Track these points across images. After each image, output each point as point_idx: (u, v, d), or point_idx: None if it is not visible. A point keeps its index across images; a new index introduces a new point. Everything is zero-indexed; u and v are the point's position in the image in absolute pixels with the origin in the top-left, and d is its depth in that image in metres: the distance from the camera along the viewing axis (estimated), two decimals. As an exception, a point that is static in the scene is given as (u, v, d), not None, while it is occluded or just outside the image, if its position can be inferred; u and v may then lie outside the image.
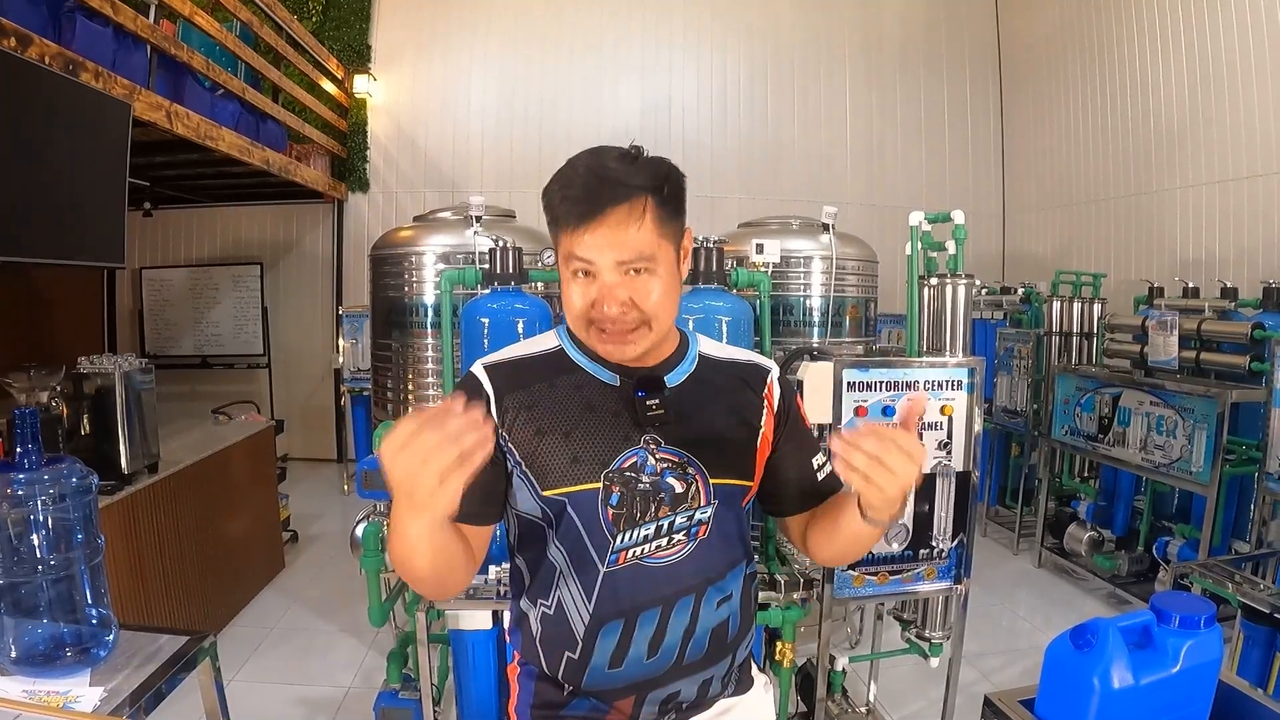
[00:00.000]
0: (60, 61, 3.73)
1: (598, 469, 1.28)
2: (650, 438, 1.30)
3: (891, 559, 2.42)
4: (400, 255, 3.49)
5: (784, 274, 3.56)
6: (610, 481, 1.28)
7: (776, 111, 8.56)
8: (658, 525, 1.30)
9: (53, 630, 1.60)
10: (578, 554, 1.31)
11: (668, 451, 1.31)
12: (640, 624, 1.31)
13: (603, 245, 1.23)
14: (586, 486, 1.28)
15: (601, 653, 1.31)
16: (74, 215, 3.94)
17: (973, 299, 2.68)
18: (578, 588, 1.31)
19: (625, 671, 1.32)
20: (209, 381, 7.98)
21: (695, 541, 1.32)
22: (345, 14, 8.00)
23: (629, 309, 1.25)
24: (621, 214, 1.22)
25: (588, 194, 1.23)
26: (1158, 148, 6.69)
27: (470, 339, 2.62)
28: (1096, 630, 1.22)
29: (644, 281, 1.25)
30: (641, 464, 1.30)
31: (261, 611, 4.46)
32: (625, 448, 1.30)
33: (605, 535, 1.29)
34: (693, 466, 1.32)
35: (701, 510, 1.32)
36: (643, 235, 1.23)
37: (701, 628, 1.34)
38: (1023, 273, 7.84)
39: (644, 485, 1.29)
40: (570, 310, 1.29)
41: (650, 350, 1.33)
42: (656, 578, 1.31)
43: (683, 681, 1.35)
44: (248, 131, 5.91)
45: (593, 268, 1.24)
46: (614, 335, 1.27)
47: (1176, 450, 4.09)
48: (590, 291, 1.26)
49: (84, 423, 3.39)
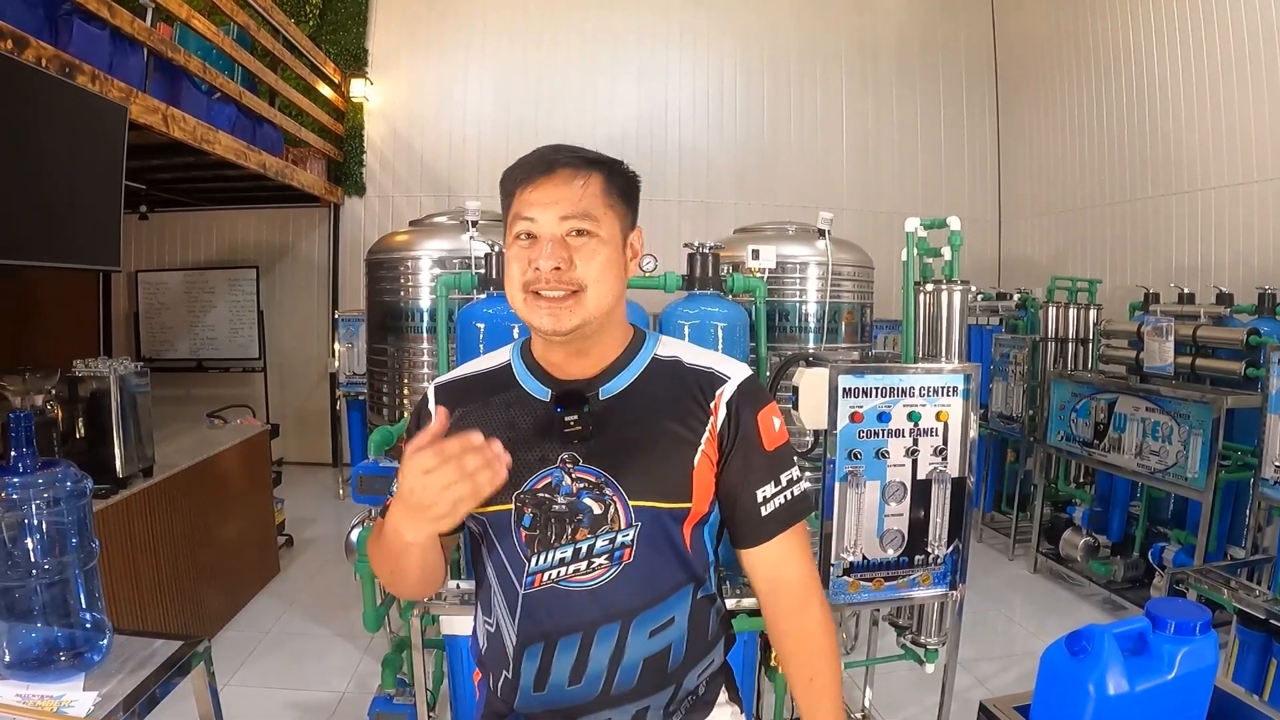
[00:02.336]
0: (57, 64, 3.72)
1: (508, 490, 1.22)
2: (569, 456, 1.27)
3: (887, 565, 2.42)
4: (396, 260, 3.49)
5: (780, 280, 3.57)
6: (522, 503, 1.27)
7: (773, 117, 8.58)
8: (575, 548, 1.26)
9: (46, 634, 1.59)
10: (502, 573, 1.31)
11: (585, 470, 1.26)
12: (560, 649, 1.27)
13: (546, 201, 1.24)
14: (499, 508, 1.27)
15: (527, 675, 1.29)
16: (69, 218, 3.93)
17: (968, 305, 2.69)
18: (505, 607, 1.30)
19: (549, 696, 1.29)
20: (205, 385, 7.97)
21: (619, 565, 1.27)
22: (342, 18, 8.01)
23: (567, 268, 1.23)
24: (568, 174, 1.26)
25: (539, 158, 1.28)
26: (1154, 154, 6.71)
27: (465, 344, 2.62)
28: (1091, 637, 1.21)
29: (584, 244, 1.25)
30: (557, 484, 1.27)
31: (256, 616, 4.44)
32: (540, 468, 1.27)
33: (520, 557, 1.27)
34: (609, 487, 1.26)
35: (623, 533, 1.26)
36: (588, 196, 1.25)
37: (631, 657, 1.28)
38: (1019, 278, 7.85)
39: (559, 506, 1.26)
40: (511, 283, 1.28)
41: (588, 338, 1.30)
42: (576, 602, 1.27)
43: (613, 711, 1.30)
44: (244, 135, 5.90)
45: (535, 226, 1.24)
46: (550, 303, 1.24)
47: (1172, 456, 4.09)
48: (531, 253, 1.25)
49: (79, 426, 3.39)
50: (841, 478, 2.32)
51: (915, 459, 2.39)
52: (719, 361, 1.39)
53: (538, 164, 1.27)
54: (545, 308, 1.24)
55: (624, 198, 1.31)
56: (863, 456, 2.34)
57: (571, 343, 1.29)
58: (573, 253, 1.24)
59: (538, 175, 1.26)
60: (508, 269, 1.28)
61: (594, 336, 1.30)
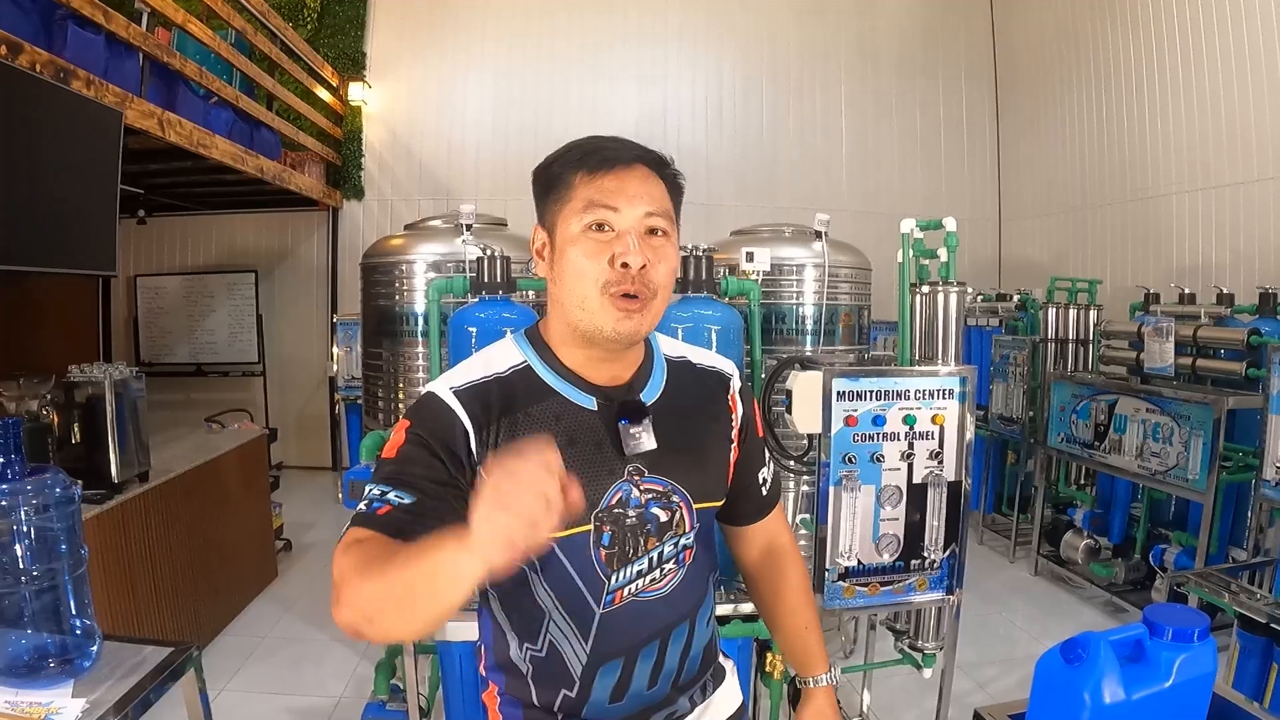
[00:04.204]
0: (52, 69, 3.72)
1: (588, 510, 1.18)
2: (634, 468, 1.23)
3: (883, 570, 2.40)
4: (390, 264, 3.48)
5: (776, 282, 3.55)
6: (601, 521, 1.21)
7: (772, 119, 8.58)
8: (649, 558, 1.25)
9: (36, 641, 1.59)
10: (569, 596, 1.23)
11: (652, 481, 1.24)
12: (641, 659, 1.27)
13: (632, 193, 1.16)
14: (578, 530, 1.19)
15: (601, 689, 1.26)
16: (64, 223, 3.92)
17: (967, 306, 2.68)
18: (571, 629, 1.24)
19: (626, 705, 1.29)
20: (204, 390, 7.97)
21: (683, 568, 1.29)
22: (340, 22, 8.01)
23: (651, 267, 1.16)
24: (646, 171, 1.20)
25: (616, 144, 1.20)
26: (1154, 153, 6.69)
27: (458, 349, 2.60)
28: (1087, 644, 1.19)
29: (660, 245, 1.19)
30: (626, 498, 1.23)
31: (254, 621, 4.44)
32: (611, 482, 1.22)
33: (599, 576, 1.22)
34: (677, 495, 1.26)
35: (686, 536, 1.28)
36: (666, 197, 1.21)
37: (695, 649, 1.34)
38: (1019, 279, 7.83)
39: (631, 520, 1.22)
40: (580, 279, 1.17)
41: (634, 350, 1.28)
42: (654, 612, 1.27)
43: (681, 700, 1.35)
44: (241, 139, 5.90)
45: (617, 218, 1.16)
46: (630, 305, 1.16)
47: (1173, 457, 4.07)
48: (613, 247, 1.16)
49: (74, 432, 3.38)
50: (836, 482, 2.30)
51: (911, 463, 2.37)
52: (716, 360, 1.42)
53: (618, 152, 1.19)
54: (625, 311, 1.16)
55: (678, 209, 1.27)
56: (857, 460, 2.32)
57: (615, 348, 1.23)
58: (652, 253, 1.17)
59: (619, 164, 1.18)
60: (572, 265, 1.17)
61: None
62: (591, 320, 1.17)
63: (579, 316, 1.18)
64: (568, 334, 1.23)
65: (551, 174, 1.21)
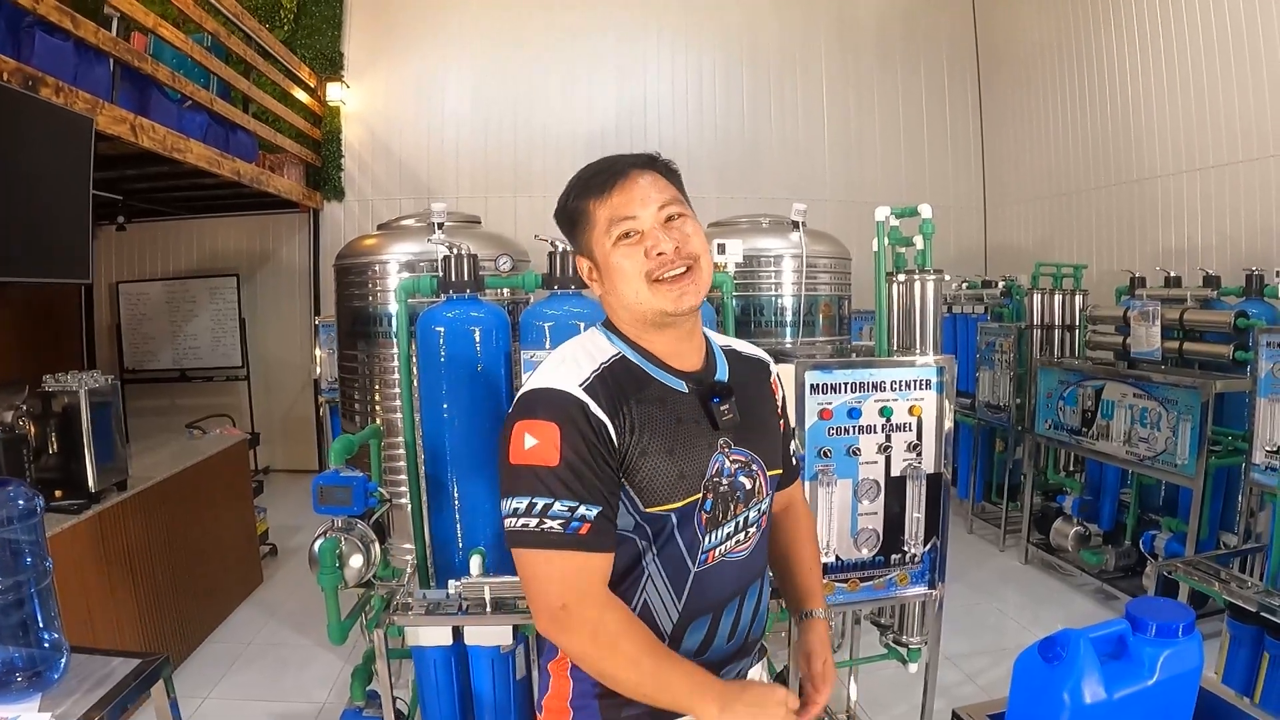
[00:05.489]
0: (19, 77, 3.67)
1: (698, 481, 1.33)
2: (724, 441, 1.37)
3: (862, 565, 2.37)
4: (364, 264, 3.43)
5: (754, 273, 3.51)
6: (706, 490, 1.34)
7: (753, 110, 8.55)
8: (736, 522, 1.38)
9: (3, 655, 1.58)
10: (673, 559, 1.35)
11: (738, 453, 1.39)
12: (725, 614, 1.40)
13: (637, 197, 1.32)
14: (691, 499, 1.33)
15: (691, 641, 1.37)
16: (37, 232, 3.88)
17: (951, 293, 2.64)
18: (667, 589, 1.35)
19: (708, 658, 1.38)
20: (188, 395, 7.91)
21: (760, 531, 1.44)
22: (317, 22, 7.95)
23: (684, 242, 1.32)
24: (639, 173, 1.34)
25: (607, 169, 1.35)
26: (1137, 137, 6.67)
27: (426, 349, 2.56)
28: (1066, 642, 1.16)
29: (681, 224, 1.34)
30: (721, 467, 1.36)
31: (239, 627, 4.41)
32: (710, 455, 1.35)
33: (698, 538, 1.35)
34: (755, 464, 1.42)
35: (763, 502, 1.44)
36: (662, 184, 1.35)
37: (763, 605, 1.50)
38: (1006, 265, 7.81)
39: (724, 487, 1.36)
40: (628, 278, 1.32)
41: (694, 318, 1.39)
42: (737, 570, 1.41)
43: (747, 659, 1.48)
44: (216, 143, 5.84)
45: (639, 223, 1.31)
46: (674, 283, 1.31)
47: (1161, 443, 4.04)
48: (646, 244, 1.32)
49: (51, 441, 3.34)
50: (812, 476, 2.27)
51: (888, 455, 2.34)
52: (756, 350, 1.61)
53: (609, 173, 1.34)
54: (673, 289, 1.31)
55: (681, 186, 1.41)
56: (833, 454, 2.29)
57: (685, 323, 1.37)
58: (675, 235, 1.33)
59: (617, 181, 1.33)
60: (618, 270, 1.33)
61: (694, 318, 1.39)
62: (652, 304, 1.32)
63: (641, 309, 1.34)
64: (641, 328, 1.38)
65: (569, 211, 1.38)
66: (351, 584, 2.42)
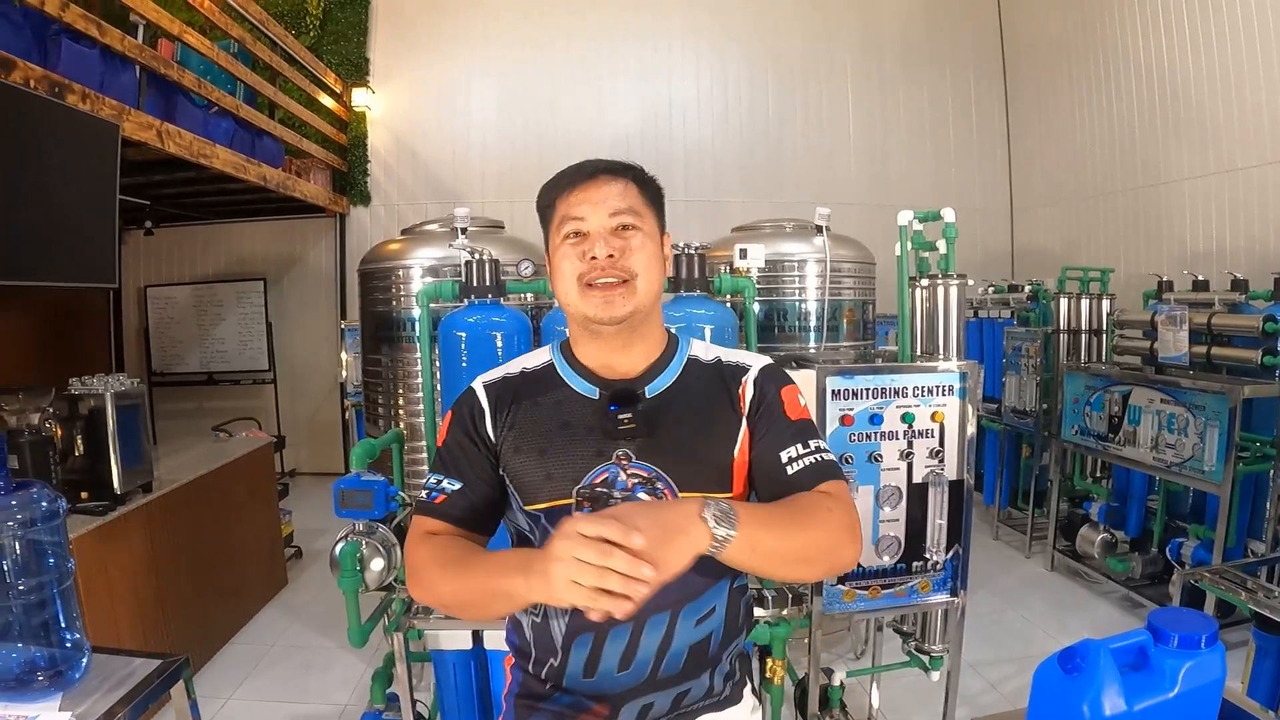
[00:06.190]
0: (46, 85, 3.72)
1: (569, 485, 1.31)
2: (622, 453, 1.32)
3: (883, 573, 2.35)
4: (387, 269, 3.44)
5: (778, 278, 3.50)
6: (581, 497, 1.31)
7: (778, 113, 8.52)
8: None
9: (25, 655, 1.59)
10: None
11: (638, 467, 1.32)
12: (610, 638, 1.32)
13: (593, 199, 1.32)
14: (559, 503, 1.32)
15: (575, 662, 1.35)
16: (64, 236, 3.93)
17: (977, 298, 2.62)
18: None
19: (598, 682, 1.35)
20: (216, 398, 7.99)
21: None
22: (343, 28, 8.03)
23: (620, 256, 1.31)
24: (607, 178, 1.34)
25: (578, 168, 1.37)
26: (1165, 139, 6.59)
27: (448, 354, 2.57)
28: (1086, 653, 1.14)
29: (630, 237, 1.33)
30: (613, 480, 1.32)
31: (262, 628, 4.44)
32: (597, 463, 1.32)
33: None
34: (661, 481, 1.32)
35: None
36: (629, 195, 1.34)
37: (678, 645, 1.35)
38: (1032, 269, 7.74)
39: (615, 501, 1.29)
40: (563, 280, 1.34)
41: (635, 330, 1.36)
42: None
43: (656, 694, 1.37)
44: (242, 148, 5.90)
45: (584, 224, 1.32)
46: (604, 290, 1.30)
47: (1188, 449, 3.98)
48: (583, 247, 1.32)
49: (77, 444, 3.39)
50: (833, 482, 2.25)
51: (910, 462, 2.32)
52: (748, 356, 1.49)
53: (578, 173, 1.36)
54: (599, 296, 1.31)
55: (654, 203, 1.40)
56: (855, 460, 2.27)
57: (619, 334, 1.35)
58: (619, 244, 1.32)
59: (581, 181, 1.34)
60: (558, 269, 1.35)
61: (639, 330, 1.37)
62: (579, 309, 1.33)
63: (570, 310, 1.36)
64: (578, 333, 1.41)
65: (541, 205, 1.40)
66: (373, 587, 2.43)
